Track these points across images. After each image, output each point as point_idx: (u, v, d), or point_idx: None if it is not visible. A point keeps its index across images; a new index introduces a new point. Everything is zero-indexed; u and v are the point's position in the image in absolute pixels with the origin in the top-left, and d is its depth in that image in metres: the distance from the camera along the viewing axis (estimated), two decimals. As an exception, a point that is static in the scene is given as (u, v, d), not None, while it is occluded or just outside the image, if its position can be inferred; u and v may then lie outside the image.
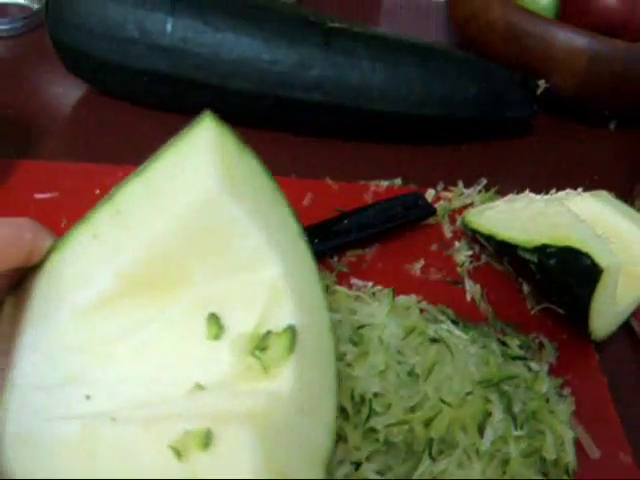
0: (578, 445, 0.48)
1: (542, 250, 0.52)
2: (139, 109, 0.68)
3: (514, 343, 0.51)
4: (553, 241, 0.51)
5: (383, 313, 0.48)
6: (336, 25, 0.64)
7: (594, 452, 0.49)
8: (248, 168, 0.36)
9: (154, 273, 0.34)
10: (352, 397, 0.43)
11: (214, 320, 0.35)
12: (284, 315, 0.35)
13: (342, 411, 0.43)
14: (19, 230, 0.34)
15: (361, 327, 0.47)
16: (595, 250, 0.50)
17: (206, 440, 0.31)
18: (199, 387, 0.33)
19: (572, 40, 0.69)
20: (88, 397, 0.33)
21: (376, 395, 0.43)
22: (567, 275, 0.51)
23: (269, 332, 0.34)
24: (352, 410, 0.43)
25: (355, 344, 0.46)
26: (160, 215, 0.34)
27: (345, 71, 0.63)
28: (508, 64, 0.72)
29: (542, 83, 0.72)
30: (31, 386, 0.33)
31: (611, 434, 0.50)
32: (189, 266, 0.35)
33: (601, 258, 0.49)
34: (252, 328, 0.35)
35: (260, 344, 0.34)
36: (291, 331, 0.34)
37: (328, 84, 0.63)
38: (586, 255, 0.49)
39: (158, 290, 0.35)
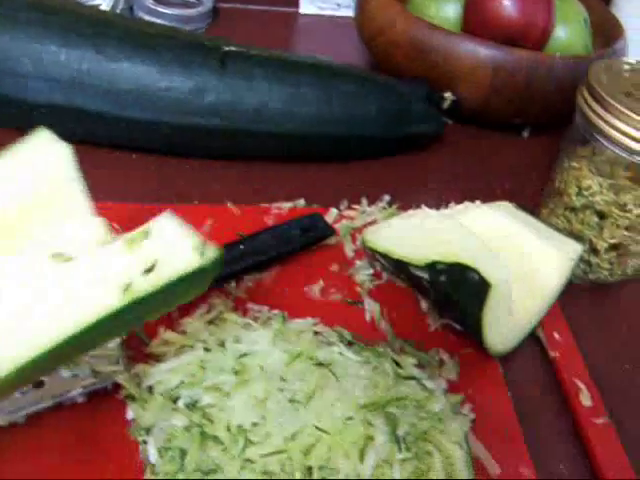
0: (479, 462, 0.48)
1: (432, 267, 0.51)
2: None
3: (409, 362, 0.51)
4: (443, 257, 0.51)
5: (267, 340, 0.48)
6: (232, 49, 0.64)
7: (493, 468, 0.48)
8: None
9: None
10: (228, 429, 0.42)
11: (60, 255, 0.40)
12: None
13: (219, 442, 0.42)
14: None
15: (243, 355, 0.46)
16: (484, 265, 0.49)
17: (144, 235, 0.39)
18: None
19: (475, 52, 0.70)
20: None
21: (254, 425, 0.43)
22: (457, 291, 0.51)
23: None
24: (229, 441, 0.42)
25: (236, 373, 0.45)
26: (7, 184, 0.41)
27: (242, 94, 0.62)
28: (414, 78, 0.72)
29: (448, 96, 0.72)
30: None
31: (512, 448, 0.50)
32: (30, 223, 0.41)
33: (490, 273, 0.49)
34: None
35: None
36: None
37: (225, 108, 0.62)
38: (474, 271, 0.49)
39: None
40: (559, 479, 0.49)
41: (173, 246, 0.38)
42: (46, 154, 0.43)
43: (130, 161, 0.67)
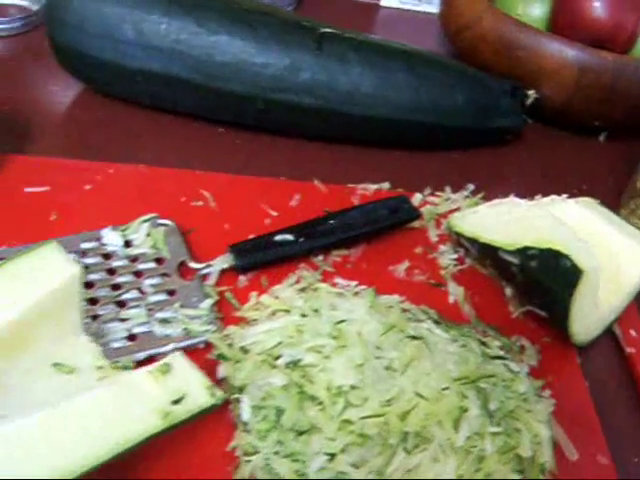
0: (556, 446, 0.48)
1: (524, 252, 0.52)
2: (133, 108, 0.69)
3: (495, 344, 0.52)
4: (535, 243, 0.51)
5: (363, 309, 0.49)
6: (328, 30, 0.65)
7: (572, 453, 0.49)
8: None
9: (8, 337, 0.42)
10: (328, 389, 0.43)
11: (60, 365, 0.44)
12: None
13: (319, 403, 0.43)
14: None
15: (340, 322, 0.48)
16: (576, 253, 0.50)
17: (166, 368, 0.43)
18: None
19: (562, 52, 0.70)
20: None
21: (353, 387, 0.44)
22: (548, 277, 0.51)
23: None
24: (328, 401, 0.43)
25: (334, 338, 0.46)
26: (15, 296, 0.43)
27: (336, 75, 0.64)
28: (500, 74, 0.72)
29: (532, 93, 0.73)
30: None
31: (590, 437, 0.51)
32: (37, 331, 0.44)
33: (581, 260, 0.50)
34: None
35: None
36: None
37: (319, 88, 0.64)
38: (566, 257, 0.50)
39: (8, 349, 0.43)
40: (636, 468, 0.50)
41: (188, 385, 0.43)
42: (55, 271, 0.45)
43: (218, 134, 0.69)
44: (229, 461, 0.44)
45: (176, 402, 0.41)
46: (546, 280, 0.52)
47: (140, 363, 0.47)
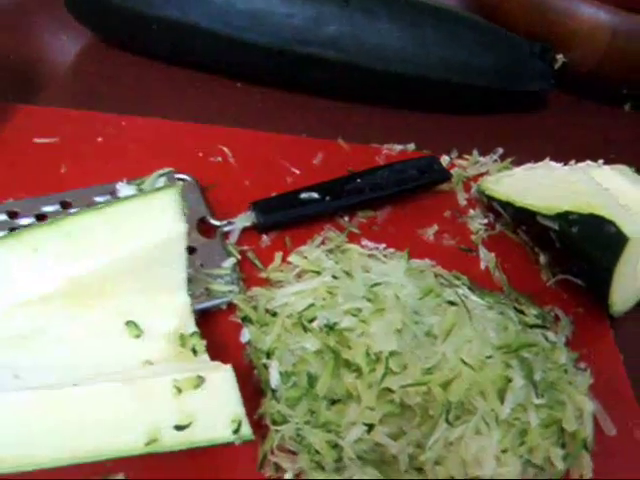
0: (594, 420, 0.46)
1: (564, 217, 0.50)
2: (144, 60, 0.65)
3: (531, 312, 0.49)
4: (576, 208, 0.49)
5: (399, 272, 0.46)
6: (355, -18, 0.62)
7: (610, 428, 0.47)
8: None
9: (85, 287, 0.41)
10: (367, 354, 0.41)
11: (133, 325, 0.41)
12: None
13: (356, 369, 0.41)
14: None
15: (375, 285, 0.45)
16: (620, 219, 0.48)
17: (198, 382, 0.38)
18: (148, 362, 0.41)
19: (596, 15, 0.67)
20: (16, 376, 0.38)
21: (392, 354, 0.41)
22: (590, 243, 0.49)
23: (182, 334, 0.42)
24: (367, 368, 0.40)
25: (370, 301, 0.44)
26: (110, 246, 0.41)
27: (362, 29, 0.61)
28: (528, 35, 0.69)
29: (560, 57, 0.70)
30: None
31: (626, 411, 0.49)
32: (120, 285, 0.42)
33: (626, 227, 0.47)
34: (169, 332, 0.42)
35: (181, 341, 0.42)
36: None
37: (344, 42, 0.60)
38: (611, 223, 0.47)
39: (86, 299, 0.41)
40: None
41: (214, 409, 0.38)
42: (161, 222, 0.42)
43: (236, 89, 0.65)
44: (256, 429, 0.41)
45: (180, 428, 0.37)
46: (588, 247, 0.49)
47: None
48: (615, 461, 0.46)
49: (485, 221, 0.58)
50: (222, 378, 0.38)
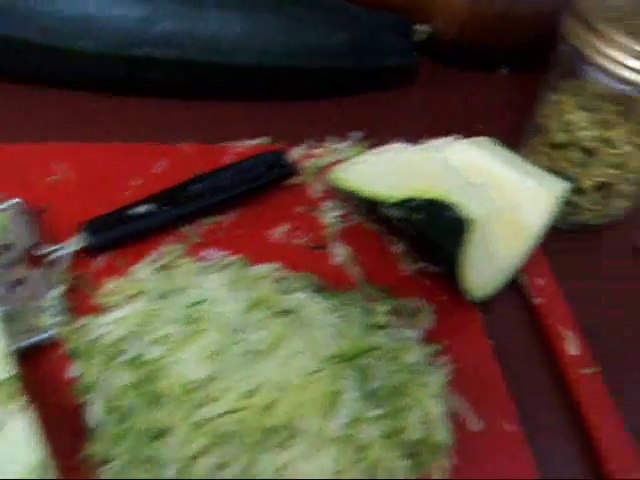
0: (459, 418, 0.44)
1: (406, 204, 0.46)
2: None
3: (381, 310, 0.46)
4: (418, 193, 0.46)
5: (221, 286, 0.43)
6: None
7: (475, 423, 0.45)
8: None
9: None
10: (179, 384, 0.37)
11: None
12: None
13: (168, 401, 0.38)
14: None
15: (196, 304, 0.41)
16: (463, 200, 0.45)
17: None
18: None
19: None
20: None
21: (211, 379, 0.38)
22: (434, 230, 0.46)
23: None
24: (180, 399, 0.37)
25: (187, 323, 0.40)
26: None
27: (194, 23, 0.57)
28: (388, 9, 0.66)
29: (423, 28, 0.66)
30: None
31: (495, 402, 0.46)
32: None
33: (471, 208, 0.44)
34: None
35: None
36: None
37: (177, 38, 0.56)
38: (450, 207, 0.44)
39: None
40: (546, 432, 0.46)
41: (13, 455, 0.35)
42: None
43: (73, 100, 0.60)
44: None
45: None
46: (433, 233, 0.47)
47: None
48: (482, 455, 0.43)
49: (339, 213, 0.54)
50: (22, 424, 0.36)
